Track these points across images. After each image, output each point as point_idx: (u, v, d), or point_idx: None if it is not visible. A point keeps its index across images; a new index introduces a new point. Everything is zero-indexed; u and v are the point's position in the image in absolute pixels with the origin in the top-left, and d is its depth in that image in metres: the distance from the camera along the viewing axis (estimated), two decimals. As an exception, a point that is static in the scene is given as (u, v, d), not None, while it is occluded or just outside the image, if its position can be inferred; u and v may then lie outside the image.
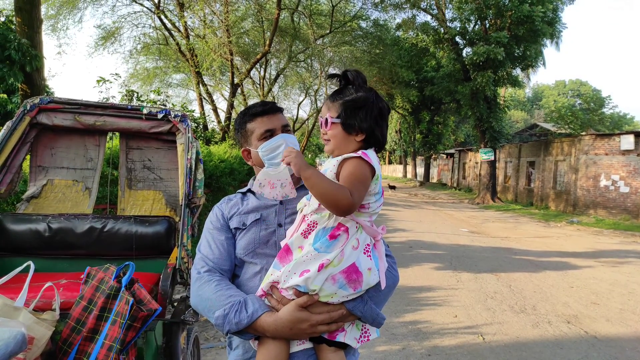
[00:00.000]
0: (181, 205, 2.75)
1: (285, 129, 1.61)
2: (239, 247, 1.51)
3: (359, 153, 1.32)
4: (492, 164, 23.96)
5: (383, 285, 1.36)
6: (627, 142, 16.99)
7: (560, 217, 17.95)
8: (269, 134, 1.58)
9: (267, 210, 1.55)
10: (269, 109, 1.61)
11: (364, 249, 1.33)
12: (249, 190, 1.64)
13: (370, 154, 1.34)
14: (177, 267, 2.52)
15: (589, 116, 24.67)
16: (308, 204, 1.38)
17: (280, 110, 1.65)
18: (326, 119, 1.38)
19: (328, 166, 1.37)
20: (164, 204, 3.23)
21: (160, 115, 2.93)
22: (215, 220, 1.59)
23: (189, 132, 2.87)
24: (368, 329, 1.42)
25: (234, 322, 1.31)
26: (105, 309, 2.02)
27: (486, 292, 6.57)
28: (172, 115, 2.92)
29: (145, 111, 2.93)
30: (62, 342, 2.00)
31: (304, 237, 1.33)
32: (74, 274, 2.53)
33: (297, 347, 1.35)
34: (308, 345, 1.35)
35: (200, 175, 2.90)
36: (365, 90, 1.39)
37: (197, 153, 2.92)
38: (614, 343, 4.79)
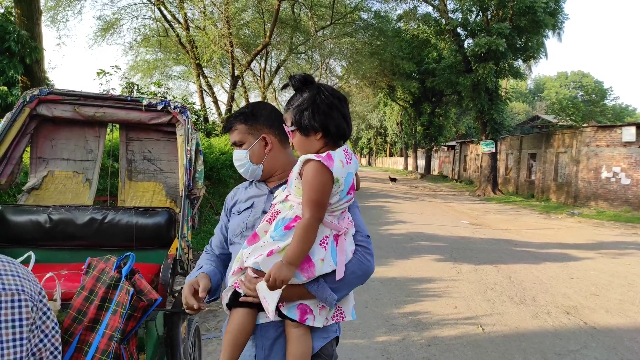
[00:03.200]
0: (181, 196, 2.75)
1: (236, 144, 1.75)
2: (229, 230, 1.74)
3: (323, 155, 1.41)
4: (493, 156, 23.91)
5: (339, 276, 1.46)
6: (629, 133, 16.94)
7: (561, 209, 17.95)
8: (234, 146, 1.79)
9: (258, 199, 1.73)
10: (224, 126, 1.84)
11: (320, 241, 1.43)
12: (253, 181, 1.82)
13: (336, 155, 1.42)
14: (177, 258, 2.53)
15: (590, 108, 24.59)
16: (279, 194, 1.54)
17: (232, 126, 1.74)
18: (288, 130, 1.53)
19: (296, 165, 1.49)
20: (164, 196, 3.24)
21: (160, 107, 2.93)
22: (224, 207, 1.85)
23: (188, 124, 2.87)
24: (344, 311, 1.54)
25: (188, 279, 1.67)
26: (106, 299, 2.03)
27: (486, 284, 6.59)
28: (172, 107, 2.92)
29: (144, 102, 2.93)
30: (64, 332, 2.01)
31: (269, 223, 1.49)
32: (74, 264, 2.55)
33: (265, 319, 1.52)
34: (276, 318, 1.48)
35: (200, 166, 2.91)
36: (310, 89, 1.48)
37: (197, 144, 2.92)
38: (613, 333, 4.82)
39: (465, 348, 4.27)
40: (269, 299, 1.41)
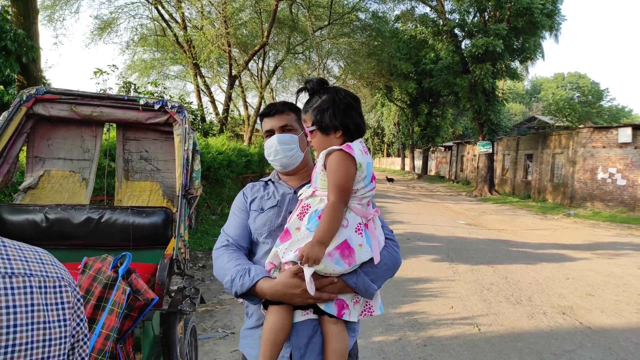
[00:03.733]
0: (178, 196, 2.75)
1: (284, 128, 1.77)
2: (254, 228, 1.72)
3: (343, 146, 1.49)
4: (490, 157, 23.97)
5: (376, 261, 1.52)
6: (625, 135, 17.02)
7: (557, 210, 18.02)
8: (269, 134, 1.80)
9: (283, 198, 1.75)
10: (270, 111, 1.81)
11: (355, 228, 1.48)
12: (270, 180, 1.86)
13: (355, 145, 1.51)
14: (174, 257, 2.53)
15: (587, 109, 24.66)
16: (305, 191, 1.59)
17: (283, 111, 1.80)
18: (306, 132, 1.58)
19: (318, 160, 1.54)
20: (161, 195, 3.23)
21: (157, 106, 2.92)
22: (240, 202, 1.81)
23: (185, 123, 2.87)
24: (372, 306, 1.58)
25: (239, 285, 1.52)
26: (103, 299, 2.03)
27: (482, 284, 6.61)
28: (169, 106, 2.91)
29: (142, 102, 2.92)
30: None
31: (300, 219, 1.52)
32: (71, 264, 2.54)
33: (302, 317, 1.54)
34: (312, 316, 1.54)
35: (197, 166, 2.90)
36: (328, 91, 1.57)
37: (194, 144, 2.92)
38: (608, 334, 4.84)
39: (461, 348, 4.29)
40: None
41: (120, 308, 1.95)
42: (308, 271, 1.43)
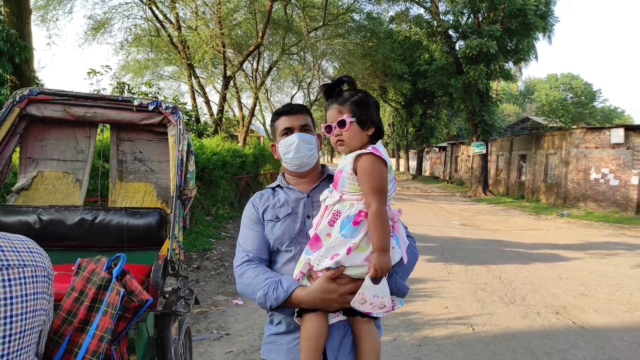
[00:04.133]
0: (172, 197, 2.75)
1: (303, 128, 1.78)
2: (273, 238, 1.70)
3: (370, 149, 1.50)
4: (484, 157, 24.08)
5: (405, 260, 1.57)
6: (617, 135, 17.15)
7: (551, 210, 18.12)
8: (287, 132, 1.77)
9: (297, 204, 1.74)
10: (291, 109, 1.81)
11: None
12: (278, 186, 1.83)
13: (379, 147, 1.53)
14: (168, 258, 2.52)
15: (579, 110, 24.82)
16: (330, 196, 1.57)
17: (303, 111, 1.82)
18: (342, 121, 1.54)
19: (345, 163, 1.54)
20: (155, 196, 3.22)
21: (151, 107, 2.91)
22: (251, 214, 1.78)
23: (180, 124, 2.86)
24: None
25: (273, 298, 1.52)
26: (96, 300, 2.02)
27: (476, 284, 6.64)
28: (163, 107, 2.91)
29: (136, 103, 2.92)
30: (53, 333, 2.00)
31: (330, 225, 1.51)
32: (64, 265, 2.53)
33: (333, 319, 1.56)
34: (342, 317, 1.57)
35: (192, 167, 2.90)
36: (360, 90, 1.60)
37: (189, 145, 2.91)
38: (601, 333, 4.88)
39: (455, 348, 4.30)
40: (381, 292, 1.46)
41: (114, 309, 1.94)
42: (381, 289, 1.45)
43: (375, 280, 1.44)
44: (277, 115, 1.82)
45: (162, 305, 2.60)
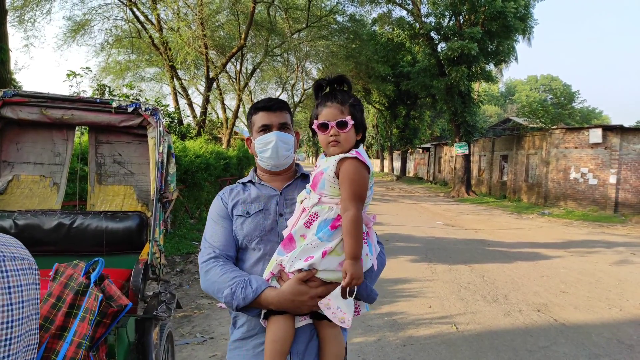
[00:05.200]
0: (153, 200, 2.70)
1: (282, 126, 1.72)
2: (242, 234, 1.64)
3: (354, 153, 1.48)
4: (467, 158, 24.37)
5: (375, 267, 1.55)
6: (596, 135, 17.52)
7: (532, 209, 18.42)
8: (265, 129, 1.71)
9: (269, 200, 1.68)
10: (270, 106, 1.73)
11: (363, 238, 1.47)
12: (250, 181, 1.78)
13: (362, 152, 1.51)
14: (148, 262, 2.48)
15: (559, 111, 25.32)
16: (308, 197, 1.53)
17: (283, 108, 1.76)
18: (343, 122, 1.50)
19: (327, 165, 1.51)
20: (135, 199, 3.17)
21: (130, 109, 2.87)
22: (219, 208, 1.71)
23: (160, 126, 2.82)
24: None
25: (241, 298, 1.47)
26: (74, 306, 1.98)
27: (460, 283, 6.70)
28: (143, 109, 2.86)
29: (114, 105, 2.87)
30: (30, 340, 1.95)
31: (306, 227, 1.48)
32: (42, 271, 2.46)
33: (300, 322, 1.53)
34: (309, 321, 1.54)
35: (173, 169, 2.86)
36: (352, 95, 1.58)
37: (169, 147, 2.87)
38: (581, 329, 4.97)
39: (439, 347, 4.33)
40: (345, 308, 1.44)
41: (92, 315, 1.90)
42: (346, 304, 1.44)
43: (345, 293, 1.42)
44: (256, 109, 1.75)
45: (143, 310, 2.56)
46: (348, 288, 1.41)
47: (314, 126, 1.58)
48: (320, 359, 1.55)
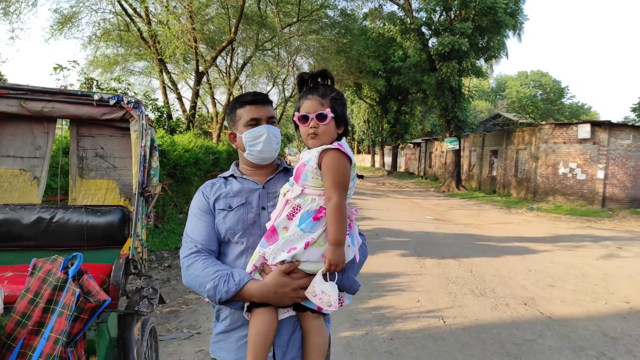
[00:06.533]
0: (135, 194, 2.66)
1: (270, 120, 1.74)
2: (225, 228, 1.64)
3: (336, 145, 1.51)
4: (457, 153, 24.47)
5: (357, 259, 1.57)
6: (584, 131, 17.67)
7: (521, 204, 18.56)
8: (254, 122, 1.71)
9: (251, 194, 1.69)
10: (259, 99, 1.74)
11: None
12: (231, 175, 1.78)
13: (344, 144, 1.54)
14: (130, 257, 2.44)
15: (548, 106, 25.46)
16: (291, 190, 1.55)
17: (270, 102, 1.77)
18: (322, 114, 1.53)
19: (309, 157, 1.53)
20: (117, 193, 3.12)
21: (112, 102, 2.81)
22: (201, 203, 1.71)
23: (142, 119, 2.77)
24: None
25: (224, 291, 1.47)
26: (52, 301, 1.94)
27: (448, 277, 6.73)
28: (125, 102, 2.81)
29: (96, 97, 2.81)
30: (6, 336, 1.92)
31: (289, 219, 1.49)
32: (20, 266, 2.43)
33: (283, 314, 1.54)
34: (292, 313, 1.55)
35: (156, 163, 2.82)
36: (334, 89, 1.61)
37: (152, 140, 2.83)
38: (567, 322, 5.01)
39: (426, 340, 4.35)
40: (329, 290, 1.44)
41: (69, 310, 1.87)
42: (330, 287, 1.45)
43: (326, 276, 1.45)
44: (242, 103, 1.74)
45: (125, 305, 2.52)
46: (328, 273, 1.44)
47: (294, 118, 1.60)
48: (303, 350, 1.57)
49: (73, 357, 1.86)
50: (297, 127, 1.63)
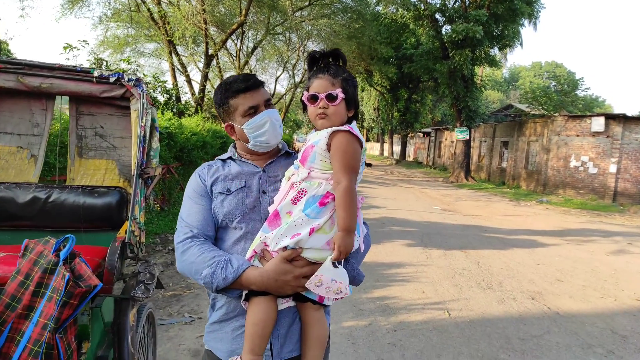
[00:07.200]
0: (134, 175, 2.57)
1: (267, 103, 1.63)
2: (223, 212, 1.55)
3: (346, 127, 1.44)
4: (467, 143, 24.17)
5: (362, 249, 1.52)
6: (598, 124, 17.32)
7: (531, 197, 18.33)
8: (252, 111, 1.59)
9: (250, 178, 1.60)
10: (252, 84, 1.61)
11: None
12: (229, 158, 1.69)
13: (355, 127, 1.47)
14: (126, 240, 2.36)
15: (562, 98, 24.99)
16: (297, 173, 1.47)
17: (262, 83, 1.65)
18: (333, 94, 1.46)
19: (317, 138, 1.45)
20: (117, 174, 3.03)
21: (112, 79, 2.71)
22: (197, 186, 1.62)
23: (143, 98, 2.67)
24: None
25: (221, 278, 1.39)
26: (42, 285, 1.87)
27: (454, 269, 6.63)
28: (126, 79, 2.70)
29: (96, 74, 2.71)
30: (-5, 319, 1.85)
31: (293, 203, 1.42)
32: (14, 246, 2.36)
33: (283, 305, 1.47)
34: (292, 303, 1.49)
35: (156, 144, 2.72)
36: (346, 70, 1.53)
37: (153, 120, 2.73)
38: (575, 319, 4.90)
39: (430, 333, 4.26)
40: (340, 277, 1.38)
41: (59, 295, 1.79)
42: (339, 273, 1.38)
43: (337, 263, 1.37)
44: (234, 92, 1.59)
45: (122, 290, 2.45)
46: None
47: (303, 97, 1.51)
48: (302, 342, 1.51)
49: (62, 343, 1.79)
50: (305, 108, 1.54)
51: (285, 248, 1.39)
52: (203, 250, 1.47)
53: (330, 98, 1.46)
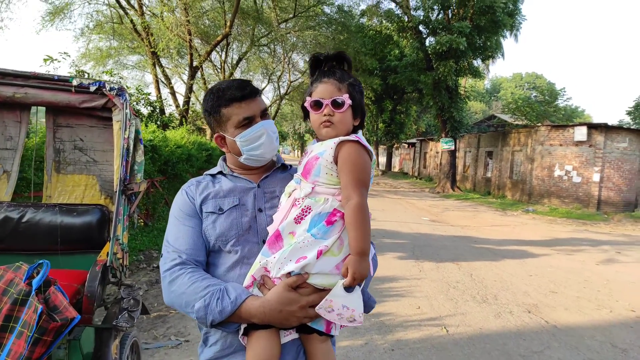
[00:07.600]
0: (116, 191, 2.38)
1: (263, 114, 1.46)
2: (215, 234, 1.37)
3: (354, 137, 1.30)
4: (452, 154, 24.29)
5: (372, 272, 1.35)
6: (580, 133, 17.54)
7: (517, 206, 18.41)
8: (247, 122, 1.42)
9: (244, 194, 1.43)
10: (248, 93, 1.43)
11: None
12: (220, 172, 1.51)
13: (362, 137, 1.34)
14: (108, 264, 2.16)
15: (544, 108, 25.34)
16: (299, 188, 1.31)
17: (258, 92, 1.48)
18: (339, 101, 1.31)
19: (322, 149, 1.30)
20: (97, 191, 2.82)
21: (93, 88, 2.52)
22: (184, 204, 1.43)
23: (126, 108, 2.48)
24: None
25: (217, 311, 1.22)
26: (11, 318, 1.66)
27: (448, 282, 6.49)
28: (107, 88, 2.52)
29: (75, 82, 2.52)
30: (-43, 358, 1.63)
31: (297, 222, 1.26)
32: None
33: (285, 338, 1.31)
34: (295, 335, 1.32)
35: (140, 157, 2.53)
36: (352, 76, 1.39)
37: (137, 132, 2.54)
38: (573, 332, 4.79)
39: (429, 351, 4.10)
40: (353, 304, 1.22)
41: (30, 331, 1.58)
42: (353, 299, 1.21)
43: (349, 288, 1.20)
44: (229, 100, 1.41)
45: (103, 318, 2.24)
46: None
47: (306, 104, 1.34)
48: None
49: (34, 385, 1.58)
50: (306, 115, 1.38)
51: (289, 274, 1.23)
52: (194, 279, 1.28)
53: (336, 104, 1.32)
